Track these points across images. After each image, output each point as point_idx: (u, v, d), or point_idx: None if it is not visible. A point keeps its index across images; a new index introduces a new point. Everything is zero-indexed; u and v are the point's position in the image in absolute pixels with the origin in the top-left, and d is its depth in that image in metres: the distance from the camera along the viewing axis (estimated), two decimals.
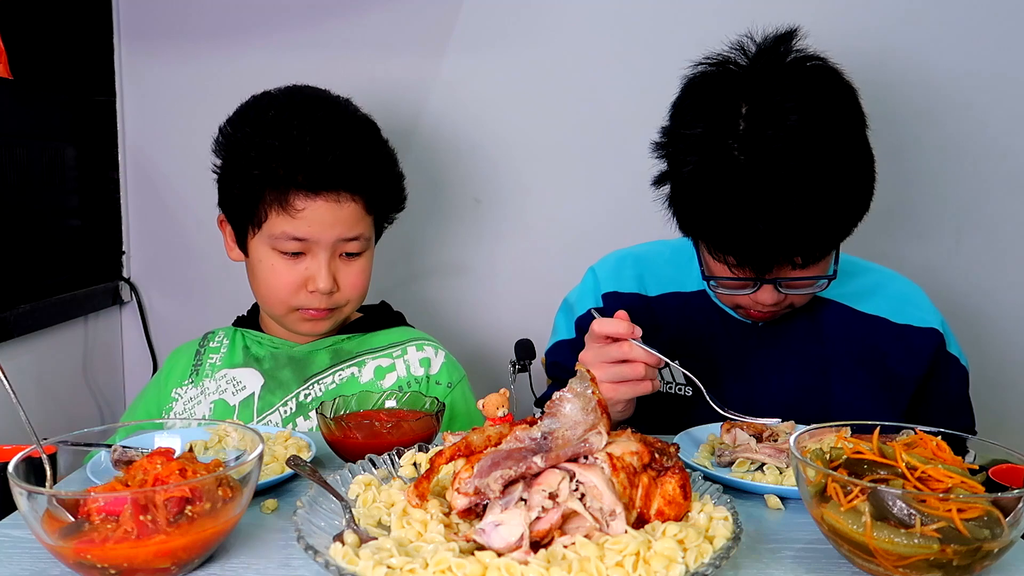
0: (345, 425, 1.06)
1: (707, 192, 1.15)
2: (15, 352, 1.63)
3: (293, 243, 1.29)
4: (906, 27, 1.82)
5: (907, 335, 1.35)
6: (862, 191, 1.17)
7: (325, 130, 1.30)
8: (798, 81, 1.14)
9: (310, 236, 1.28)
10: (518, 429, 0.82)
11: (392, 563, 0.71)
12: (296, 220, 1.27)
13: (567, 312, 1.47)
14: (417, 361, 1.41)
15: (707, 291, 1.39)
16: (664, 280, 1.43)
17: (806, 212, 1.11)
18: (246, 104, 1.40)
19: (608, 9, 1.85)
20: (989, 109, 1.85)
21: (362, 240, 1.33)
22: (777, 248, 1.14)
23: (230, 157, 1.35)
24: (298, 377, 1.39)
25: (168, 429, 1.01)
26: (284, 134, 1.28)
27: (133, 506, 0.74)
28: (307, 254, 1.30)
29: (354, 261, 1.35)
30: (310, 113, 1.32)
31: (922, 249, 1.91)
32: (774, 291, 1.22)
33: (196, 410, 1.38)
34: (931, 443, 0.84)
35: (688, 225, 1.23)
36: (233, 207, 1.36)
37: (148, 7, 1.90)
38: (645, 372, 1.09)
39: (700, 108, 1.17)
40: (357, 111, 1.42)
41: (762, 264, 1.17)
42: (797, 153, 1.09)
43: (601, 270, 1.47)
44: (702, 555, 0.74)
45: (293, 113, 1.31)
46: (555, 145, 1.89)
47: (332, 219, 1.29)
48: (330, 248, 1.30)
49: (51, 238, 1.78)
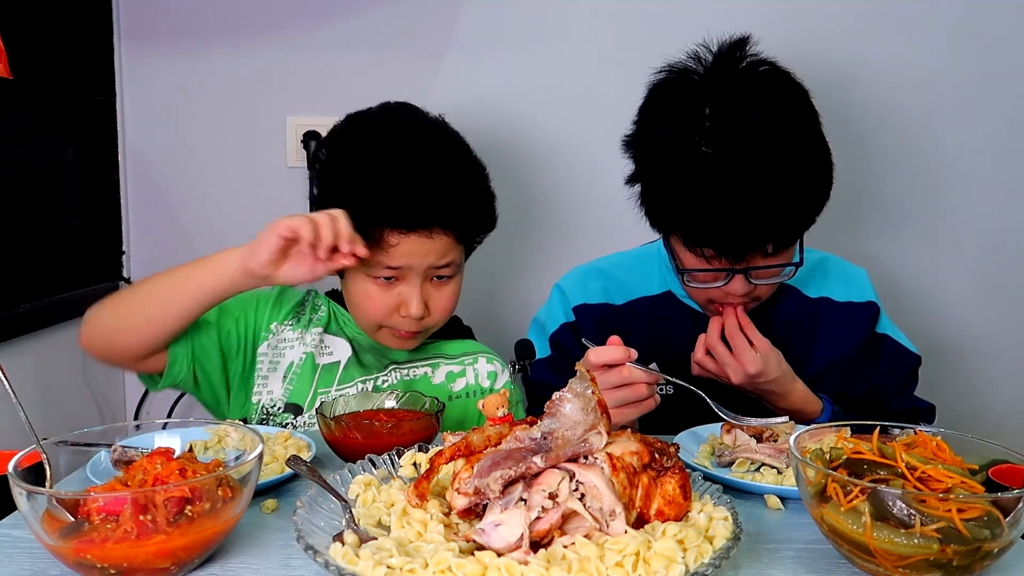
0: (345, 425, 1.06)
1: (679, 186, 1.23)
2: (15, 352, 1.63)
3: (386, 271, 1.30)
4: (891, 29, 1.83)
5: (850, 311, 1.45)
6: (823, 178, 1.26)
7: (418, 167, 1.29)
8: (754, 82, 1.24)
9: (402, 265, 1.30)
10: (518, 429, 0.82)
11: (392, 563, 0.71)
12: (388, 253, 1.28)
13: (539, 331, 1.51)
14: (485, 373, 1.45)
15: (672, 292, 1.45)
16: (628, 288, 1.48)
17: (774, 197, 1.20)
18: (341, 128, 1.39)
19: (608, 9, 1.85)
20: (988, 110, 1.85)
21: (453, 266, 1.35)
22: (750, 235, 1.22)
23: (323, 184, 1.36)
24: (380, 363, 1.41)
25: (168, 429, 1.01)
26: (376, 170, 1.28)
27: (133, 506, 0.74)
28: (400, 280, 1.32)
29: (445, 285, 1.35)
30: (403, 144, 1.31)
31: (922, 250, 1.91)
32: (745, 282, 1.28)
33: (286, 353, 1.37)
34: (931, 443, 0.84)
35: (661, 220, 1.31)
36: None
37: (148, 7, 1.90)
38: (646, 392, 1.10)
39: (665, 110, 1.27)
40: (451, 137, 1.39)
41: (736, 252, 1.24)
42: (762, 144, 1.19)
43: (567, 285, 1.51)
44: (702, 555, 0.74)
45: (386, 146, 1.30)
46: (554, 145, 1.89)
47: (424, 251, 1.29)
48: (422, 274, 1.31)
49: (51, 238, 1.78)
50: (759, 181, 1.19)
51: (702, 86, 1.25)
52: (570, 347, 1.44)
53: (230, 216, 1.95)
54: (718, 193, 1.20)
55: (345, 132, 1.37)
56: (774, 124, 1.20)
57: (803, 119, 1.25)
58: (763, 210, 1.20)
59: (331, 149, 1.37)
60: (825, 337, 1.43)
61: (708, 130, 1.20)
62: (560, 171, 1.90)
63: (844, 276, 1.49)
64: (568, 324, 1.46)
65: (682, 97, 1.25)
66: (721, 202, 1.20)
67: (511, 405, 1.40)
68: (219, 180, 1.95)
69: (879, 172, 1.88)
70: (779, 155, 1.19)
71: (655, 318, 1.45)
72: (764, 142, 1.19)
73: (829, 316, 1.44)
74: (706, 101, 1.22)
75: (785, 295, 1.44)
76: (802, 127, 1.24)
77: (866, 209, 1.90)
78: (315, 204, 1.38)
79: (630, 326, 1.43)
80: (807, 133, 1.25)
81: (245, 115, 1.92)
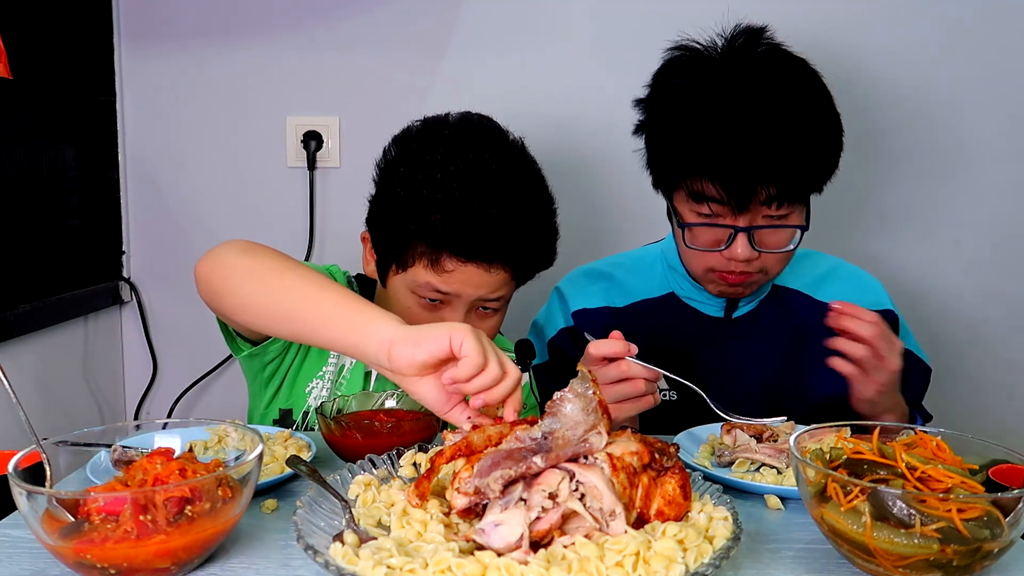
0: (345, 425, 1.06)
1: (687, 120, 1.24)
2: (15, 352, 1.63)
3: (433, 293, 1.25)
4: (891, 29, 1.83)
5: None
6: (831, 136, 1.26)
7: (491, 195, 1.21)
8: (770, 55, 1.27)
9: (452, 291, 1.24)
10: (518, 429, 0.82)
11: (392, 563, 0.71)
12: (442, 278, 1.23)
13: (537, 335, 1.50)
14: None
15: (674, 294, 1.43)
16: (629, 290, 1.46)
17: (781, 132, 1.20)
18: (416, 132, 1.30)
19: (608, 9, 1.85)
20: (988, 110, 1.85)
21: (502, 300, 1.30)
22: (754, 169, 1.20)
23: (386, 188, 1.28)
24: None
25: (168, 429, 1.01)
26: (448, 189, 1.20)
27: (133, 506, 0.74)
28: (445, 304, 1.26)
29: (489, 317, 1.31)
30: (480, 167, 1.22)
31: (922, 250, 1.91)
32: (748, 246, 1.25)
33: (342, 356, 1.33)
34: (931, 443, 0.84)
35: (667, 165, 1.29)
36: (379, 238, 1.30)
37: (148, 7, 1.90)
38: (645, 388, 1.10)
39: (680, 67, 1.29)
40: (528, 165, 1.32)
41: (740, 190, 1.21)
42: (772, 85, 1.22)
43: (567, 288, 1.50)
44: (702, 555, 0.74)
45: (462, 165, 1.22)
46: (554, 145, 1.89)
47: (479, 282, 1.24)
48: (468, 304, 1.27)
49: (51, 238, 1.78)
50: (766, 115, 1.20)
51: (719, 58, 1.28)
52: (569, 352, 1.43)
53: (230, 216, 1.95)
54: (725, 123, 1.20)
55: (420, 137, 1.28)
56: (786, 74, 1.24)
57: (815, 82, 1.27)
58: (769, 142, 1.19)
59: (402, 150, 1.28)
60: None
61: (721, 76, 1.24)
62: (560, 171, 1.90)
63: (859, 284, 1.46)
64: (567, 329, 1.45)
65: (698, 61, 1.28)
66: (727, 132, 1.20)
67: (527, 408, 1.39)
68: (219, 180, 1.95)
69: (879, 172, 1.88)
70: (788, 97, 1.22)
71: (657, 321, 1.43)
72: (775, 84, 1.22)
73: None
74: (722, 62, 1.26)
75: (797, 301, 1.42)
76: (813, 86, 1.26)
77: (866, 209, 1.89)
78: (371, 203, 1.31)
79: (632, 328, 1.40)
80: (817, 92, 1.26)
81: (245, 115, 1.92)
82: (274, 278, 1.06)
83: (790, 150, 1.20)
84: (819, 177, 1.27)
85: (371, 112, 1.44)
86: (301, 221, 1.92)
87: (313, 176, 1.91)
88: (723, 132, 1.20)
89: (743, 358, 1.40)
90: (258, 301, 1.06)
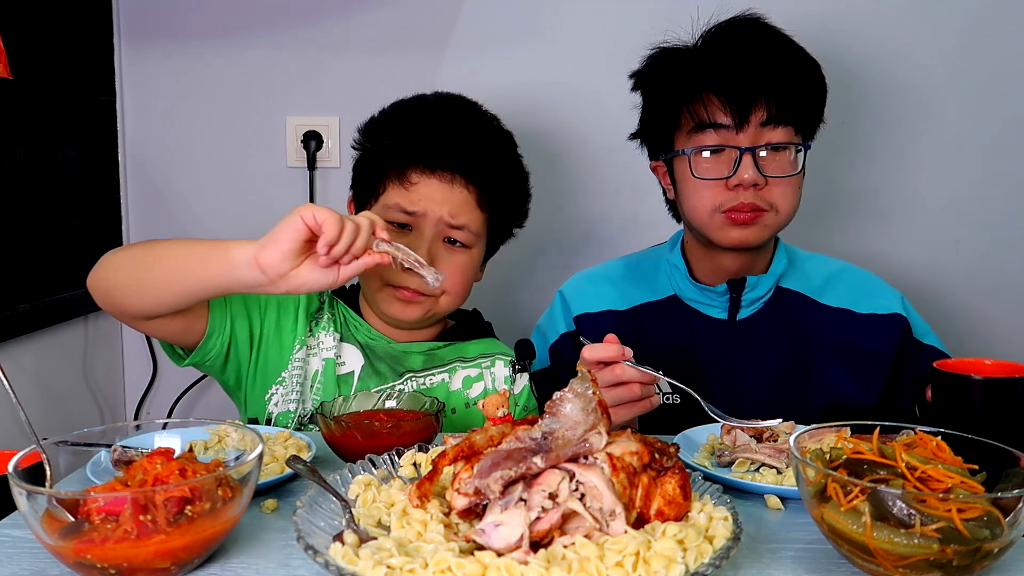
0: (345, 425, 1.06)
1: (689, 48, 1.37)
2: (15, 352, 1.63)
3: (402, 215, 1.31)
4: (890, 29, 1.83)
5: (873, 324, 1.41)
6: (815, 64, 1.35)
7: (454, 119, 1.35)
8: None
9: (418, 209, 1.30)
10: (519, 429, 0.82)
11: (392, 563, 0.71)
12: (408, 192, 1.30)
13: (540, 339, 1.50)
14: (503, 377, 1.41)
15: (677, 296, 1.43)
16: (632, 293, 1.46)
17: (773, 45, 1.32)
18: (393, 102, 1.44)
19: (608, 9, 1.85)
20: (988, 109, 1.85)
21: (467, 232, 1.33)
22: (753, 75, 1.29)
23: (366, 139, 1.40)
24: (395, 371, 1.37)
25: (168, 429, 1.01)
26: (408, 109, 1.37)
27: (133, 506, 0.74)
28: (413, 230, 1.32)
29: (456, 252, 1.34)
30: (446, 105, 1.39)
31: (922, 250, 1.91)
32: (754, 169, 1.29)
33: (311, 361, 1.34)
34: (931, 443, 0.84)
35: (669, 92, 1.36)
36: (359, 184, 1.40)
37: (148, 7, 1.90)
38: (641, 392, 1.10)
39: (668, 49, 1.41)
40: (496, 119, 1.44)
41: (742, 98, 1.29)
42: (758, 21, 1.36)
43: (569, 292, 1.50)
44: (702, 555, 0.74)
45: (430, 106, 1.38)
46: (555, 145, 1.89)
47: (441, 198, 1.31)
48: (435, 227, 1.31)
49: (51, 238, 1.78)
50: (758, 37, 1.33)
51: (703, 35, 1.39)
52: (569, 358, 1.43)
53: (230, 216, 1.95)
54: (723, 42, 1.33)
55: (396, 103, 1.42)
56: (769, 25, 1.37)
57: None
58: (764, 55, 1.30)
59: (382, 111, 1.41)
60: (845, 348, 1.40)
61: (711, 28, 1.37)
62: (561, 171, 1.90)
63: (864, 288, 1.45)
64: (568, 334, 1.45)
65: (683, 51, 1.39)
66: (726, 48, 1.32)
67: (525, 412, 1.39)
68: (219, 180, 1.95)
69: (879, 172, 1.88)
70: (775, 30, 1.35)
71: (660, 323, 1.43)
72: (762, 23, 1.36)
73: (850, 326, 1.41)
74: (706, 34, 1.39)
75: (800, 304, 1.42)
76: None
77: (866, 209, 1.90)
78: (356, 160, 1.41)
79: (635, 332, 1.41)
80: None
81: (245, 115, 1.92)
82: (141, 257, 1.16)
83: (782, 63, 1.31)
84: (810, 99, 1.34)
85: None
86: None
87: (313, 176, 1.91)
88: (723, 48, 1.32)
89: (746, 360, 1.40)
90: (138, 281, 1.14)
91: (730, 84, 1.29)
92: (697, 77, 1.32)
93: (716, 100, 1.30)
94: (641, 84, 1.43)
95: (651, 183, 1.54)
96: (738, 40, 1.33)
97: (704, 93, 1.31)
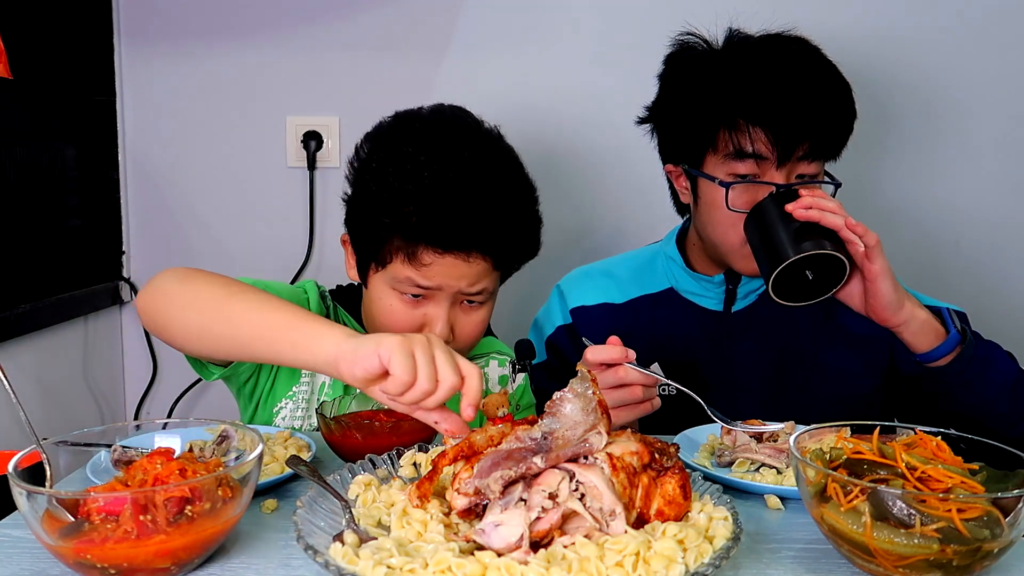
0: (345, 425, 1.06)
1: (731, 64, 1.28)
2: (15, 352, 1.63)
3: (414, 288, 1.22)
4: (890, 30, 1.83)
5: None
6: (847, 88, 1.30)
7: (464, 184, 1.18)
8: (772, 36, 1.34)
9: (433, 285, 1.21)
10: (519, 429, 0.82)
11: (392, 563, 0.71)
12: (420, 271, 1.20)
13: (537, 333, 1.50)
14: (496, 377, 1.40)
15: (674, 289, 1.43)
16: (628, 286, 1.46)
17: (820, 77, 1.27)
18: (387, 126, 1.28)
19: (609, 9, 1.85)
20: (988, 109, 1.85)
21: (485, 293, 1.26)
22: (802, 112, 1.23)
23: (360, 185, 1.25)
24: None
25: (168, 429, 1.01)
26: (419, 180, 1.17)
27: (133, 506, 0.74)
28: (428, 299, 1.23)
29: (474, 310, 1.27)
30: (452, 156, 1.19)
31: (922, 250, 1.91)
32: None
33: (319, 375, 1.30)
34: (931, 443, 0.84)
35: (706, 115, 1.28)
36: (357, 237, 1.28)
37: (148, 7, 1.90)
38: (643, 394, 1.10)
39: (692, 48, 1.35)
40: (504, 153, 1.29)
41: (788, 135, 1.23)
42: (794, 42, 1.30)
43: (567, 286, 1.50)
44: (702, 555, 0.74)
45: (433, 155, 1.19)
46: (555, 145, 1.89)
47: (459, 274, 1.20)
48: (452, 297, 1.23)
49: (51, 238, 1.78)
50: (803, 67, 1.26)
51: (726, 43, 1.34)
52: (566, 350, 1.43)
53: (230, 216, 1.95)
54: (773, 70, 1.25)
55: (391, 132, 1.26)
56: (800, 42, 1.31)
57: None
58: (813, 90, 1.25)
59: (374, 147, 1.25)
60: (841, 332, 1.39)
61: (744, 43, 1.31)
62: (561, 171, 1.90)
63: None
64: (565, 327, 1.45)
65: (706, 52, 1.34)
66: (776, 79, 1.24)
67: (520, 410, 1.39)
68: (219, 180, 1.95)
69: (879, 172, 1.88)
70: (815, 54, 1.29)
71: (657, 316, 1.43)
72: (798, 44, 1.30)
73: (845, 311, 1.36)
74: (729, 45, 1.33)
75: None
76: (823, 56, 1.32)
77: (866, 209, 1.89)
78: (347, 203, 1.28)
79: (631, 324, 1.41)
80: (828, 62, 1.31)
81: (245, 115, 1.92)
82: (215, 306, 1.06)
83: (831, 101, 1.26)
84: (846, 133, 1.30)
85: (371, 112, 1.43)
86: (301, 221, 1.92)
87: (313, 176, 1.91)
88: (774, 76, 1.24)
89: (742, 352, 1.40)
90: (202, 330, 1.07)
91: (780, 121, 1.23)
92: (745, 105, 1.25)
93: (762, 133, 1.24)
94: (672, 85, 1.36)
95: (650, 184, 1.54)
96: (790, 69, 1.25)
97: (749, 125, 1.25)
